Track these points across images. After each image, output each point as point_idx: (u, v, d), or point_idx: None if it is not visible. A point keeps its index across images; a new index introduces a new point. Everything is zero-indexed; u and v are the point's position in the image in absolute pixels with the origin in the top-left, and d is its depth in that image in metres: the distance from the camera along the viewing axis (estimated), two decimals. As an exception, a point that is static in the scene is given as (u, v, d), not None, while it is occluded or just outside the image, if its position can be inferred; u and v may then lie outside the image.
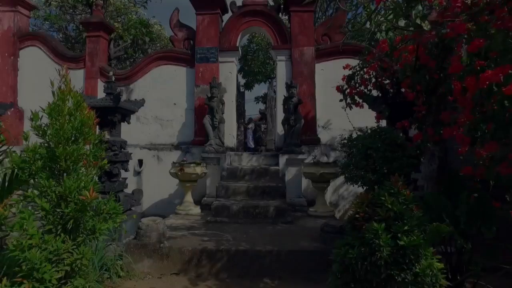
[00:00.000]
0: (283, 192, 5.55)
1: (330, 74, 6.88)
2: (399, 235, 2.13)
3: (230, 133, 6.79)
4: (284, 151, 6.16)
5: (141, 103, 5.65)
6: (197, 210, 5.75)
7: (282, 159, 6.10)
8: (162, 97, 6.97)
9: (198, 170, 5.65)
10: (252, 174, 6.09)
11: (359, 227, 2.34)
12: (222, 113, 6.41)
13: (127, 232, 3.98)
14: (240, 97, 24.78)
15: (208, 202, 6.07)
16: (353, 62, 6.96)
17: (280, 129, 6.75)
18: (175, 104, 6.96)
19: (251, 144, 18.67)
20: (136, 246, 3.78)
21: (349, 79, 4.87)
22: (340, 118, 6.79)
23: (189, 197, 5.83)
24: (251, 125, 19.68)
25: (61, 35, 11.72)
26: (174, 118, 6.95)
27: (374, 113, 6.88)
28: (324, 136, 6.74)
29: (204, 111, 6.50)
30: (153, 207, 6.71)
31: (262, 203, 5.20)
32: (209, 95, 6.36)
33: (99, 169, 2.62)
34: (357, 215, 2.38)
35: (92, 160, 2.53)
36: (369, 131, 4.10)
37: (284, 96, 6.45)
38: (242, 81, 25.72)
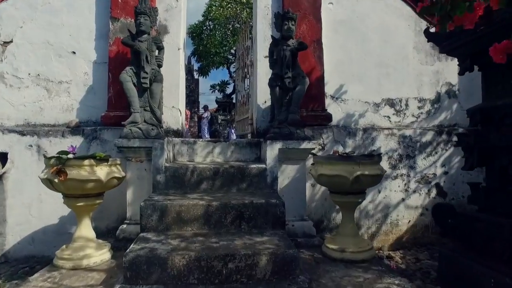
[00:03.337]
0: (279, 214, 2.74)
1: (343, 12, 4.19)
2: None
3: (174, 105, 3.83)
4: (275, 134, 3.35)
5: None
6: (102, 255, 2.77)
7: (272, 150, 3.28)
8: (49, 40, 3.83)
9: (101, 172, 2.67)
10: (215, 179, 3.21)
11: None
12: (159, 67, 3.44)
13: None
14: (194, 83, 21.70)
15: (130, 235, 3.14)
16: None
17: (262, 99, 3.92)
18: (74, 53, 3.86)
19: (206, 137, 15.55)
20: None
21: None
22: (360, 84, 4.13)
23: (85, 229, 2.82)
24: (206, 114, 16.49)
25: None
26: (72, 78, 3.85)
27: (413, 79, 4.29)
28: (335, 111, 4.04)
29: (126, 65, 3.48)
30: (27, 243, 3.58)
31: (240, 245, 2.36)
32: (134, 32, 3.38)
33: None
34: None
35: None
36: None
37: (273, 37, 3.63)
38: (196, 66, 22.58)
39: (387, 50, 4.22)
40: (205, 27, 19.44)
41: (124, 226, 3.23)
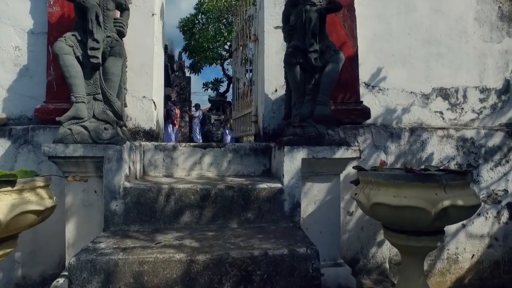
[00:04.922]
0: (311, 273, 1.60)
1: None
2: None
3: (146, 94, 2.65)
4: (295, 137, 2.19)
5: None
6: None
7: (291, 162, 2.13)
8: (-37, 0, 2.65)
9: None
10: (203, 208, 2.04)
11: None
12: (120, 35, 2.27)
13: None
14: (185, 81, 20.47)
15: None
16: None
17: (272, 87, 2.77)
18: None
19: (198, 138, 14.29)
20: None
21: None
22: (403, 68, 2.97)
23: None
24: (198, 113, 15.19)
25: None
26: (-3, 55, 2.67)
27: (473, 62, 3.06)
28: (371, 105, 2.91)
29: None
30: None
31: None
32: (81, -19, 2.21)
33: None
34: None
35: None
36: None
37: (289, -6, 2.50)
38: (187, 62, 21.31)
39: (439, 22, 3.11)
40: (197, 21, 18.20)
41: (61, 280, 2.05)
